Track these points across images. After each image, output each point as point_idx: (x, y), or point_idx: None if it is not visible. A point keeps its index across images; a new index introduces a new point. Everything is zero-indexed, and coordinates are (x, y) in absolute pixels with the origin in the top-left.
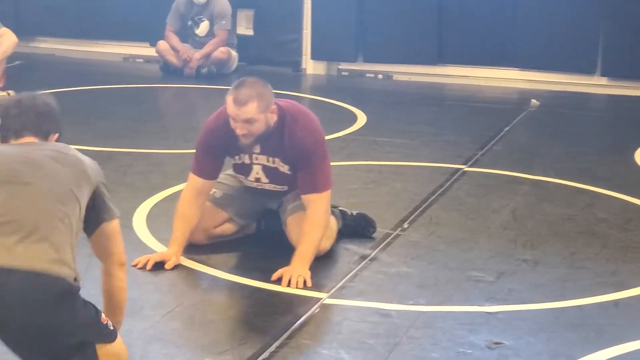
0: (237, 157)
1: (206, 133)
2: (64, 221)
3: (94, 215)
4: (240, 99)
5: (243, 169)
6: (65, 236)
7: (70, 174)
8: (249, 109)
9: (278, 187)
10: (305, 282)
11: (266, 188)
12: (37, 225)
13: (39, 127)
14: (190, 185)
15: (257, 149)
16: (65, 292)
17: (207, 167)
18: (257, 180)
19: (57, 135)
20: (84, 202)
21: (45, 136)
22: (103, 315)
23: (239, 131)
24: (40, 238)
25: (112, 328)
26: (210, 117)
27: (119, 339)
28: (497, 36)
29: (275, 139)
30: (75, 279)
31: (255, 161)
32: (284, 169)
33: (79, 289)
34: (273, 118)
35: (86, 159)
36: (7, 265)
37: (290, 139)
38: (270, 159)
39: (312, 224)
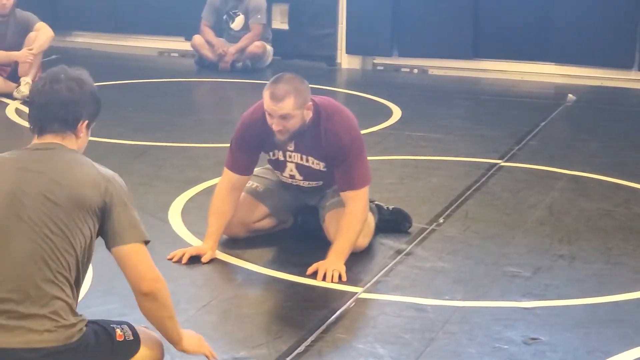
0: (271, 154)
1: (241, 128)
2: (57, 278)
3: (106, 238)
4: (277, 94)
5: (278, 165)
6: (61, 290)
7: (63, 211)
8: (286, 104)
9: (313, 184)
10: (340, 276)
11: (302, 185)
12: (27, 298)
13: (63, 121)
14: (225, 180)
15: (291, 147)
16: (69, 352)
17: (242, 162)
18: (292, 177)
19: (85, 122)
20: (89, 229)
21: (71, 127)
22: (118, 332)
23: (275, 127)
24: (33, 312)
25: (131, 338)
26: (246, 112)
27: (144, 342)
28: (533, 30)
29: (310, 136)
30: (80, 330)
31: (289, 159)
32: (319, 166)
33: (83, 334)
34: (309, 114)
35: (91, 180)
36: (6, 346)
37: (326, 137)
38: (304, 157)
39: (350, 220)
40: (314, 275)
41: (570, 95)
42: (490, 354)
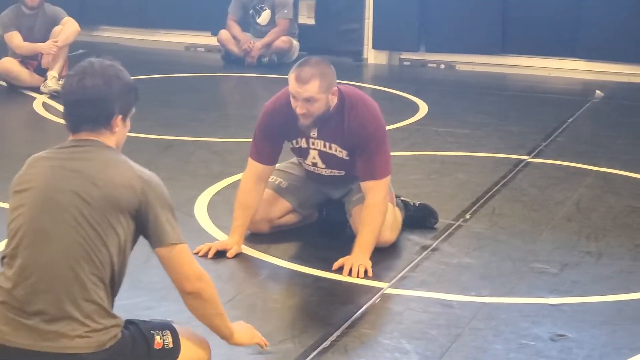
0: (294, 142)
1: (265, 115)
2: (90, 279)
3: (148, 239)
4: (302, 77)
5: (300, 153)
6: (94, 292)
7: (97, 211)
8: (311, 87)
9: (335, 172)
10: (366, 271)
11: (323, 174)
12: (59, 300)
13: (94, 119)
14: (249, 172)
15: (314, 134)
16: None
17: (266, 152)
18: (314, 165)
19: (118, 117)
20: (123, 230)
21: (104, 124)
22: (157, 339)
23: (298, 110)
24: (65, 315)
25: (170, 347)
26: (270, 99)
27: (186, 348)
28: (561, 26)
29: (334, 124)
30: (114, 336)
31: (312, 146)
32: (342, 154)
33: (117, 341)
34: (334, 100)
35: (126, 180)
36: (34, 348)
37: (350, 124)
38: (327, 144)
39: (371, 212)
40: (339, 270)
41: (598, 92)
42: (517, 350)
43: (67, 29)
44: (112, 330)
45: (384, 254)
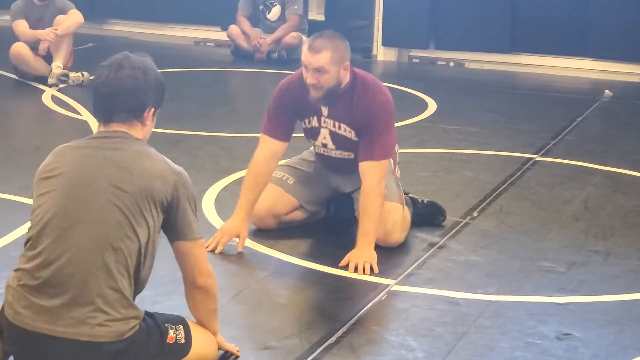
0: (307, 121)
1: (279, 93)
2: (116, 267)
3: (169, 232)
4: (315, 46)
5: (312, 133)
6: (119, 280)
7: (131, 199)
8: (322, 57)
9: (345, 154)
10: (372, 268)
11: (333, 155)
12: (84, 284)
13: (129, 109)
14: (262, 149)
15: (325, 112)
16: (118, 353)
17: (280, 128)
18: (324, 145)
19: (151, 110)
20: (153, 220)
21: (137, 115)
22: (170, 333)
23: (309, 80)
24: (87, 301)
25: (182, 341)
26: (285, 78)
27: (196, 344)
28: (571, 25)
29: (344, 103)
30: (132, 327)
31: (323, 124)
32: (351, 134)
33: (134, 332)
34: (345, 76)
35: (160, 172)
36: (53, 334)
37: (358, 103)
38: (337, 123)
39: (368, 199)
40: (347, 266)
41: (607, 91)
42: (523, 348)
43: (70, 18)
44: (131, 321)
45: (391, 251)
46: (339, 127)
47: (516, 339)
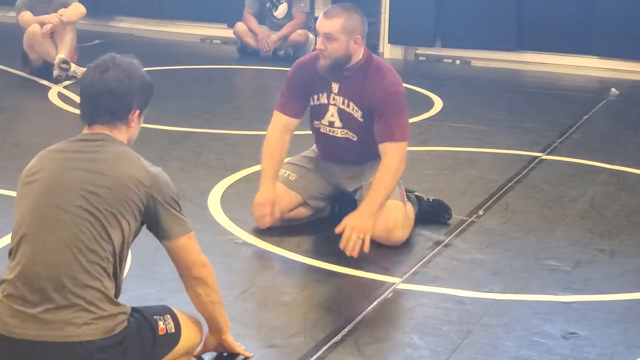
0: (316, 97)
1: (294, 66)
2: (94, 269)
3: (155, 232)
4: (329, 12)
5: (319, 111)
6: (98, 280)
7: (104, 203)
8: (333, 23)
9: (350, 134)
10: (362, 247)
11: (338, 136)
12: (62, 288)
13: (112, 112)
14: (275, 123)
15: (336, 89)
16: (107, 349)
17: (292, 104)
18: (331, 124)
19: (136, 112)
20: (128, 224)
21: (121, 118)
22: (160, 325)
23: (318, 45)
24: (69, 303)
25: (172, 331)
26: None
27: (185, 332)
28: (577, 23)
29: (355, 81)
30: (121, 322)
31: (332, 101)
32: (357, 114)
33: (124, 328)
34: (356, 51)
35: (136, 176)
36: (41, 339)
37: (371, 83)
38: (346, 101)
39: (385, 173)
40: (352, 264)
41: (613, 89)
42: (528, 347)
43: (73, 7)
44: (119, 316)
45: (396, 249)
46: (347, 105)
47: (521, 338)
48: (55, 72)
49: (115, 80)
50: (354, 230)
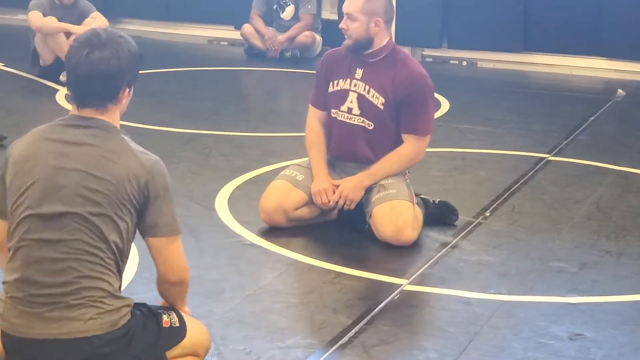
0: (335, 82)
1: (322, 59)
2: (96, 270)
3: (141, 227)
4: None
5: (339, 98)
6: (101, 278)
7: (101, 204)
8: (353, 2)
9: (366, 123)
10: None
11: (354, 123)
12: (65, 290)
13: (101, 96)
14: (310, 116)
15: (359, 75)
16: (113, 342)
17: (321, 96)
18: (349, 111)
19: (126, 89)
20: (126, 223)
21: (111, 99)
22: (164, 318)
23: (340, 24)
24: (74, 303)
25: (177, 325)
26: None
27: (190, 329)
28: (583, 25)
29: (382, 69)
30: (125, 315)
31: (353, 87)
32: (378, 101)
33: (128, 320)
34: (378, 34)
35: (132, 171)
36: (48, 337)
37: (401, 73)
38: (367, 87)
39: (397, 154)
40: (359, 266)
41: (620, 91)
42: (535, 349)
43: (97, 22)
44: (123, 309)
45: (403, 251)
46: (368, 92)
47: (528, 340)
48: (62, 79)
49: (102, 63)
50: (342, 196)
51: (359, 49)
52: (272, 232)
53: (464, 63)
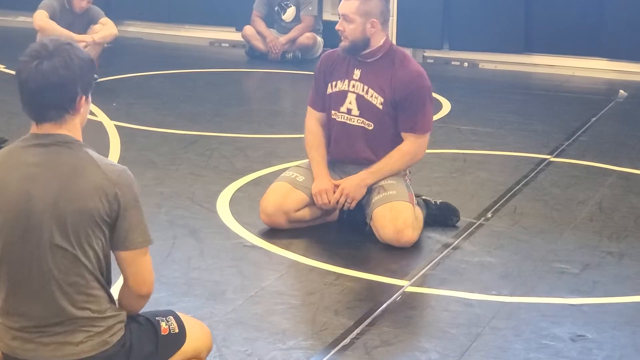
0: (334, 84)
1: (320, 61)
2: (78, 299)
3: (114, 241)
4: None
5: (338, 99)
6: (85, 305)
7: (71, 230)
8: (349, 4)
9: (366, 123)
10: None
11: (354, 124)
12: (53, 323)
13: (57, 106)
14: (309, 118)
15: (357, 75)
16: (109, 359)
17: (319, 98)
18: (349, 111)
19: (82, 97)
20: (100, 241)
21: (67, 109)
22: (163, 325)
23: (337, 26)
24: (64, 330)
25: (176, 331)
26: None
27: (190, 332)
28: (585, 25)
29: (379, 68)
30: (115, 333)
31: (351, 88)
32: (377, 101)
33: (122, 336)
34: (374, 35)
35: (98, 188)
36: (42, 358)
37: (400, 73)
38: (366, 88)
39: (398, 152)
40: (361, 267)
41: (621, 91)
42: (537, 350)
43: (107, 29)
44: (114, 327)
45: (405, 252)
46: (367, 92)
47: (530, 341)
48: None
49: (52, 72)
50: (344, 195)
51: (355, 50)
52: (273, 233)
53: (465, 64)
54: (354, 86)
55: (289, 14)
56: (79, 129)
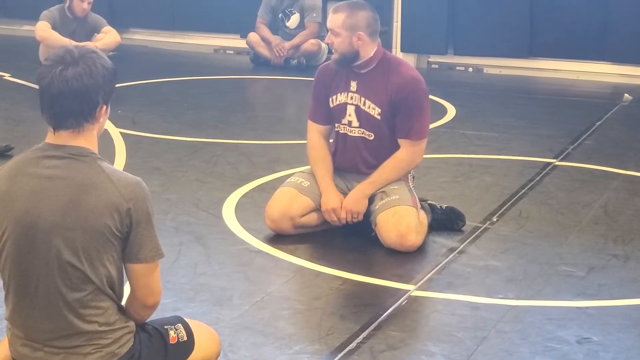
0: (334, 98)
1: (317, 75)
2: (85, 313)
3: (125, 254)
4: (334, 8)
5: (339, 111)
6: (93, 319)
7: (82, 246)
8: (335, 18)
9: (366, 134)
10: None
11: (356, 135)
12: (60, 336)
13: (76, 114)
14: (311, 132)
15: (354, 87)
16: None
17: (320, 111)
18: (349, 123)
19: (103, 107)
20: (112, 257)
21: (87, 118)
22: (171, 334)
23: (326, 39)
24: (72, 344)
25: (185, 339)
26: None
27: (198, 339)
28: (589, 29)
29: (374, 78)
30: (124, 344)
31: (350, 100)
32: (375, 112)
33: (130, 347)
34: (363, 47)
35: (111, 204)
36: None
37: (394, 79)
38: (363, 99)
39: (394, 160)
40: (366, 272)
41: (626, 95)
42: (543, 353)
43: (109, 37)
44: (123, 338)
45: (410, 256)
46: (364, 103)
47: (536, 344)
48: None
49: (76, 80)
50: (348, 212)
51: (346, 62)
52: (278, 239)
53: (470, 69)
54: (352, 98)
55: (293, 21)
56: (96, 139)
